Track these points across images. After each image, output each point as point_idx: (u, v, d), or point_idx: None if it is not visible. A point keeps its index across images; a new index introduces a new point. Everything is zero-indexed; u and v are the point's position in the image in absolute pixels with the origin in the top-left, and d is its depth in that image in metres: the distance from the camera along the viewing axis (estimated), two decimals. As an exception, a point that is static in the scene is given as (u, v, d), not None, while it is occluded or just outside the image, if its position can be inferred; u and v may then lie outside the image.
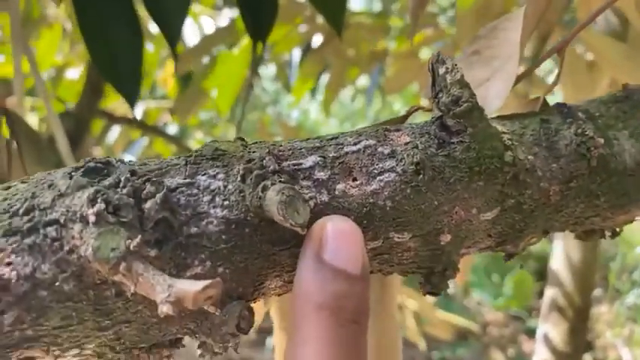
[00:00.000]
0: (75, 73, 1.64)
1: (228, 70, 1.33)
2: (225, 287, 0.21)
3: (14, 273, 0.19)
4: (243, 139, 0.24)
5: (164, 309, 0.17)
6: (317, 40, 1.44)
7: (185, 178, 0.22)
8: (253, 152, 0.23)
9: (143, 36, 0.56)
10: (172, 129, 1.95)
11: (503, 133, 0.26)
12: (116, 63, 0.54)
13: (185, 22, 0.56)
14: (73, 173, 0.20)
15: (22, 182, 0.21)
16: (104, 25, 0.54)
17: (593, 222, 0.30)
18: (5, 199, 0.20)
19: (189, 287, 0.18)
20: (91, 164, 0.21)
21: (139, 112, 1.76)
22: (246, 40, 1.36)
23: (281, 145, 0.24)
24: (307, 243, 0.22)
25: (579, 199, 0.28)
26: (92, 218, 0.19)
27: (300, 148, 0.24)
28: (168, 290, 0.18)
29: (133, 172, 0.21)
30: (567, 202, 0.28)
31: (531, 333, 2.79)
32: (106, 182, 0.20)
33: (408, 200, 0.24)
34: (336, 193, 0.23)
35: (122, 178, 0.20)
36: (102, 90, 1.18)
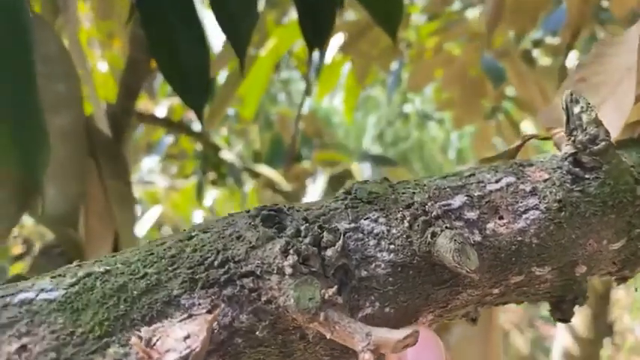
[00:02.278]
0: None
1: (255, 73, 1.33)
2: (390, 324, 0.23)
3: (215, 323, 0.20)
4: (387, 179, 0.25)
5: (366, 357, 0.19)
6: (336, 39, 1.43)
7: (350, 223, 0.23)
8: (403, 193, 0.24)
9: (209, 49, 0.57)
10: (197, 125, 1.96)
11: (632, 167, 0.27)
12: (184, 74, 0.55)
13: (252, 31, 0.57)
14: (253, 223, 0.22)
15: (204, 232, 0.22)
16: (171, 36, 0.55)
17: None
18: (195, 250, 0.21)
19: (389, 335, 0.19)
20: (265, 212, 0.22)
21: (163, 110, 1.77)
22: (272, 42, 1.36)
23: (425, 185, 0.25)
24: (388, 358, 0.22)
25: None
26: (289, 270, 0.20)
27: (445, 188, 0.25)
28: (367, 339, 0.19)
29: (305, 219, 0.22)
30: (684, 227, 0.29)
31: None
32: (289, 232, 0.21)
33: (551, 236, 0.25)
34: (487, 232, 0.24)
35: (302, 228, 0.21)
36: (137, 92, 1.18)
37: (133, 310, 0.20)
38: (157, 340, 0.18)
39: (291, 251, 0.20)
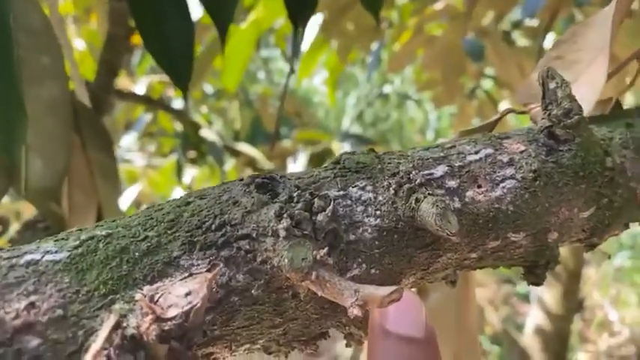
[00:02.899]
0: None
1: (235, 45, 1.32)
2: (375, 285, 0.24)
3: (213, 283, 0.21)
4: (374, 150, 0.27)
5: (354, 312, 0.20)
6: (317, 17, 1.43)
7: (339, 191, 0.24)
8: (389, 163, 0.26)
9: (193, 24, 0.57)
10: (177, 103, 1.95)
11: (602, 140, 0.29)
12: (169, 50, 0.56)
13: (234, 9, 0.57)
14: (247, 190, 0.23)
15: (201, 198, 0.23)
16: (157, 12, 0.55)
17: (664, 213, 0.33)
18: (193, 215, 0.22)
19: (375, 292, 0.20)
20: (259, 180, 0.23)
21: (142, 87, 1.75)
22: (254, 15, 1.35)
23: (409, 156, 0.26)
24: (371, 318, 0.23)
25: (658, 195, 0.31)
26: (282, 233, 0.21)
27: (428, 158, 0.26)
28: (355, 295, 0.20)
29: (297, 187, 0.23)
30: (649, 198, 0.31)
31: (522, 296, 2.88)
32: (282, 198, 0.22)
33: (526, 204, 0.26)
34: (466, 200, 0.25)
35: (294, 194, 0.22)
36: (117, 69, 1.17)
37: (135, 270, 0.21)
38: (160, 296, 0.19)
39: (284, 215, 0.21)
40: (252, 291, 0.22)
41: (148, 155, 2.17)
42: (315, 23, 1.43)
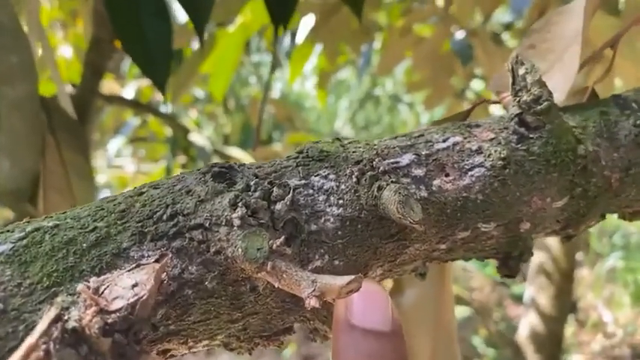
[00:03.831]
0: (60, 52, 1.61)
1: (223, 50, 1.31)
2: (339, 278, 0.23)
3: (164, 274, 0.20)
4: (339, 139, 0.26)
5: (312, 302, 0.19)
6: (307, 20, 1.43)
7: (300, 180, 0.23)
8: (354, 152, 0.25)
9: (171, 23, 0.56)
10: (166, 107, 1.93)
11: (574, 127, 0.28)
12: (147, 50, 0.55)
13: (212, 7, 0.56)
14: (203, 178, 0.22)
15: (154, 188, 0.22)
16: (134, 12, 0.54)
17: (642, 204, 0.32)
18: (145, 205, 0.21)
19: (333, 282, 0.19)
20: (216, 169, 0.22)
21: (131, 91, 1.74)
22: (242, 18, 1.35)
23: (375, 145, 0.26)
24: (335, 312, 0.22)
25: (634, 185, 0.30)
26: (237, 222, 0.20)
27: (394, 147, 0.26)
28: (312, 285, 0.20)
29: (256, 175, 0.22)
30: (624, 187, 0.30)
31: (515, 298, 2.88)
32: (239, 187, 0.21)
33: (496, 193, 0.26)
34: (433, 188, 0.25)
35: (252, 183, 0.22)
36: (102, 72, 1.16)
37: (82, 261, 0.20)
38: (106, 288, 0.19)
39: (239, 204, 0.21)
40: (207, 283, 0.21)
41: (138, 160, 2.16)
42: (306, 25, 1.42)
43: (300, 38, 1.46)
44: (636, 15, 0.35)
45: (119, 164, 2.08)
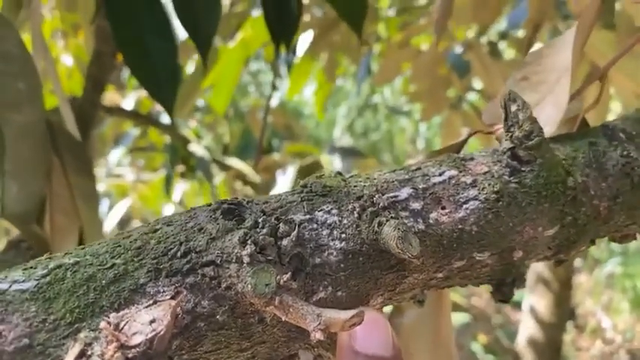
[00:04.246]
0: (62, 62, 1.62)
1: (224, 65, 1.32)
2: (342, 307, 0.25)
3: (179, 309, 0.22)
4: (341, 174, 0.27)
5: (317, 335, 0.21)
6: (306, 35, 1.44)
7: (305, 215, 0.25)
8: (355, 187, 0.26)
9: (177, 44, 0.58)
10: (166, 117, 1.95)
11: (564, 159, 0.29)
12: (153, 71, 0.56)
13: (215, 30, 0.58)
14: (213, 216, 0.23)
15: (168, 225, 0.23)
16: (140, 34, 0.56)
17: (630, 229, 0.34)
18: (159, 242, 0.23)
19: (337, 316, 0.21)
20: (226, 206, 0.24)
21: (131, 102, 1.76)
22: (243, 34, 1.36)
23: (375, 179, 0.27)
24: (339, 339, 0.24)
25: (622, 212, 0.32)
26: (246, 259, 0.22)
27: (393, 181, 0.27)
28: (318, 319, 0.21)
29: (263, 212, 0.24)
30: (613, 215, 0.31)
31: (514, 304, 2.89)
32: (247, 224, 0.23)
33: (490, 224, 0.27)
34: (430, 221, 0.26)
35: (260, 220, 0.23)
36: (103, 85, 1.18)
37: (102, 297, 0.21)
38: (125, 324, 0.20)
39: (249, 241, 0.22)
40: (218, 316, 0.22)
41: (137, 170, 2.17)
42: (305, 40, 1.44)
43: (299, 52, 1.48)
44: (634, 37, 0.36)
45: (119, 173, 2.09)
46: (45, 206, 0.54)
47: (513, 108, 0.28)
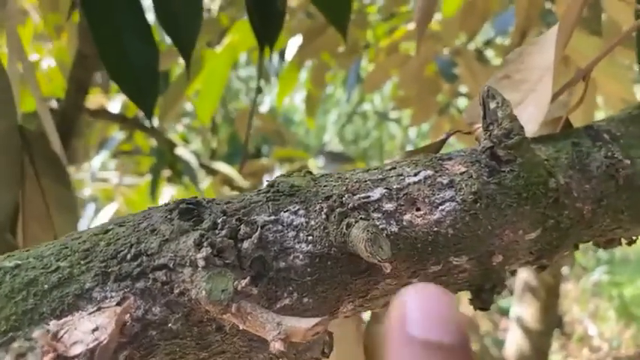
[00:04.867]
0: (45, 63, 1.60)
1: (210, 70, 1.31)
2: (308, 315, 0.23)
3: (127, 316, 0.20)
4: (311, 172, 0.26)
5: (276, 346, 0.19)
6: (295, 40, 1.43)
7: (270, 216, 0.23)
8: (325, 186, 0.25)
9: (157, 47, 0.56)
10: (153, 121, 1.92)
11: (546, 160, 0.28)
12: (132, 75, 0.55)
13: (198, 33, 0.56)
14: (169, 216, 0.22)
15: (120, 226, 0.22)
16: (118, 37, 0.54)
17: (616, 233, 0.32)
18: (109, 244, 0.21)
19: (298, 325, 0.19)
20: (183, 206, 0.22)
21: (117, 106, 1.74)
22: (230, 38, 1.35)
23: (347, 178, 0.26)
24: (388, 323, 0.18)
25: (607, 215, 0.30)
26: (201, 263, 0.20)
27: (366, 181, 0.25)
28: (278, 328, 0.19)
29: (224, 212, 0.22)
30: (597, 218, 0.30)
31: (503, 312, 2.88)
32: (205, 225, 0.21)
33: (467, 227, 0.26)
34: (404, 223, 0.25)
35: (219, 221, 0.21)
36: (87, 87, 1.16)
37: (43, 303, 0.19)
38: (65, 333, 0.18)
39: (205, 244, 0.20)
40: (171, 324, 0.20)
41: (124, 174, 2.14)
42: (294, 45, 1.43)
43: (288, 57, 1.47)
44: (616, 38, 0.35)
45: (104, 177, 2.06)
46: (18, 215, 0.52)
47: (492, 105, 0.27)
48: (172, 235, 0.21)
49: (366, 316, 0.37)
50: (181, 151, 1.70)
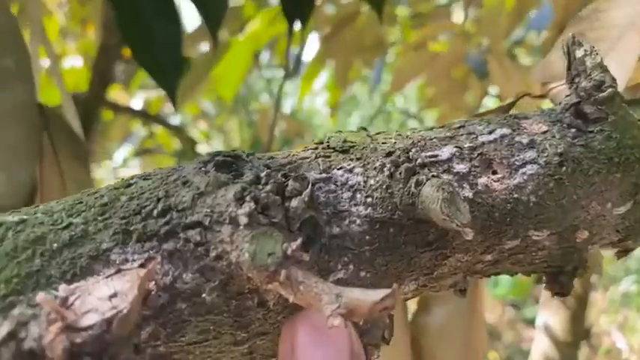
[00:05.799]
0: (71, 62, 1.60)
1: (233, 56, 1.29)
2: (366, 293, 0.19)
3: (152, 283, 0.16)
4: (366, 129, 0.22)
5: (335, 322, 0.15)
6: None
7: (321, 173, 0.19)
8: (384, 143, 0.21)
9: (182, 25, 0.53)
10: (175, 119, 1.92)
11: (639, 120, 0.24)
12: (156, 54, 0.52)
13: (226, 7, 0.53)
14: (204, 169, 0.18)
15: (145, 179, 0.18)
16: (143, 17, 0.52)
17: None
18: (132, 199, 0.17)
19: (363, 297, 0.15)
20: (220, 158, 0.18)
21: (139, 102, 1.72)
22: (252, 26, 1.33)
23: (408, 136, 0.22)
24: (279, 349, 0.17)
25: None
26: (243, 220, 0.16)
27: (432, 138, 0.22)
28: (337, 301, 0.15)
29: (267, 166, 0.19)
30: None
31: (527, 321, 2.80)
32: (247, 178, 0.18)
33: (551, 195, 0.22)
34: (479, 188, 0.21)
35: (262, 175, 0.18)
36: (109, 80, 1.14)
37: (51, 265, 0.16)
38: (76, 299, 0.15)
39: (247, 198, 0.17)
40: (205, 295, 0.17)
41: (144, 171, 2.13)
42: (315, 38, 1.40)
43: (311, 50, 1.44)
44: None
45: (125, 175, 2.05)
46: (35, 195, 0.49)
47: (579, 53, 0.23)
48: (208, 187, 0.17)
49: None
50: (203, 148, 1.67)
